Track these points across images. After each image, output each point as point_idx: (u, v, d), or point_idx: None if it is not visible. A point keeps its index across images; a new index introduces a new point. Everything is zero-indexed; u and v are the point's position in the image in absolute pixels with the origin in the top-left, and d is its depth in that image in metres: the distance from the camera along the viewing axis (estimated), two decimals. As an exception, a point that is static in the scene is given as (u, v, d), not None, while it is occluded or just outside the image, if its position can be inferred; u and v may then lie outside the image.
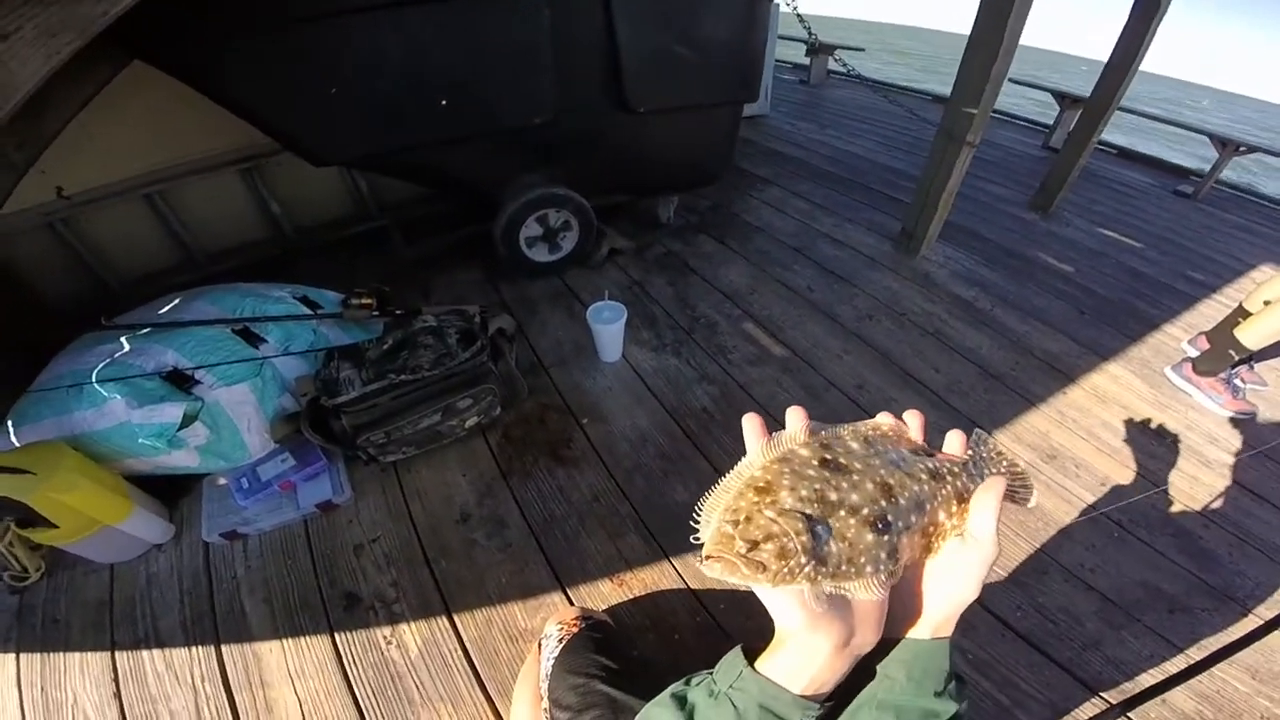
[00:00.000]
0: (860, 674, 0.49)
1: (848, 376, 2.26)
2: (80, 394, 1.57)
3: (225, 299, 1.85)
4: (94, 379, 1.58)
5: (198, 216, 2.50)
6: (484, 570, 1.58)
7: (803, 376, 2.26)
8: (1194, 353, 2.33)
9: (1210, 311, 2.66)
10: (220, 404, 1.69)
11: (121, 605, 1.53)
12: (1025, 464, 0.60)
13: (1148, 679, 1.40)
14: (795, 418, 0.50)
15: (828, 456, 0.45)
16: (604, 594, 1.54)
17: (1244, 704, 1.38)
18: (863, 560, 0.43)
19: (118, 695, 1.36)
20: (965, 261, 2.94)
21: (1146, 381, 2.28)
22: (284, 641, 1.45)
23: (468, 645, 1.43)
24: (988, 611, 1.54)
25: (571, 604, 1.51)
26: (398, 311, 1.92)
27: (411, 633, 1.46)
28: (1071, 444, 2.01)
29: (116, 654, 1.43)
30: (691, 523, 0.43)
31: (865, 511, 0.43)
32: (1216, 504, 1.83)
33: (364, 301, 1.92)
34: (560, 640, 1.11)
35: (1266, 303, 2.09)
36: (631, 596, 1.54)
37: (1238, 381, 2.16)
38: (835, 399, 2.16)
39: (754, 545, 0.40)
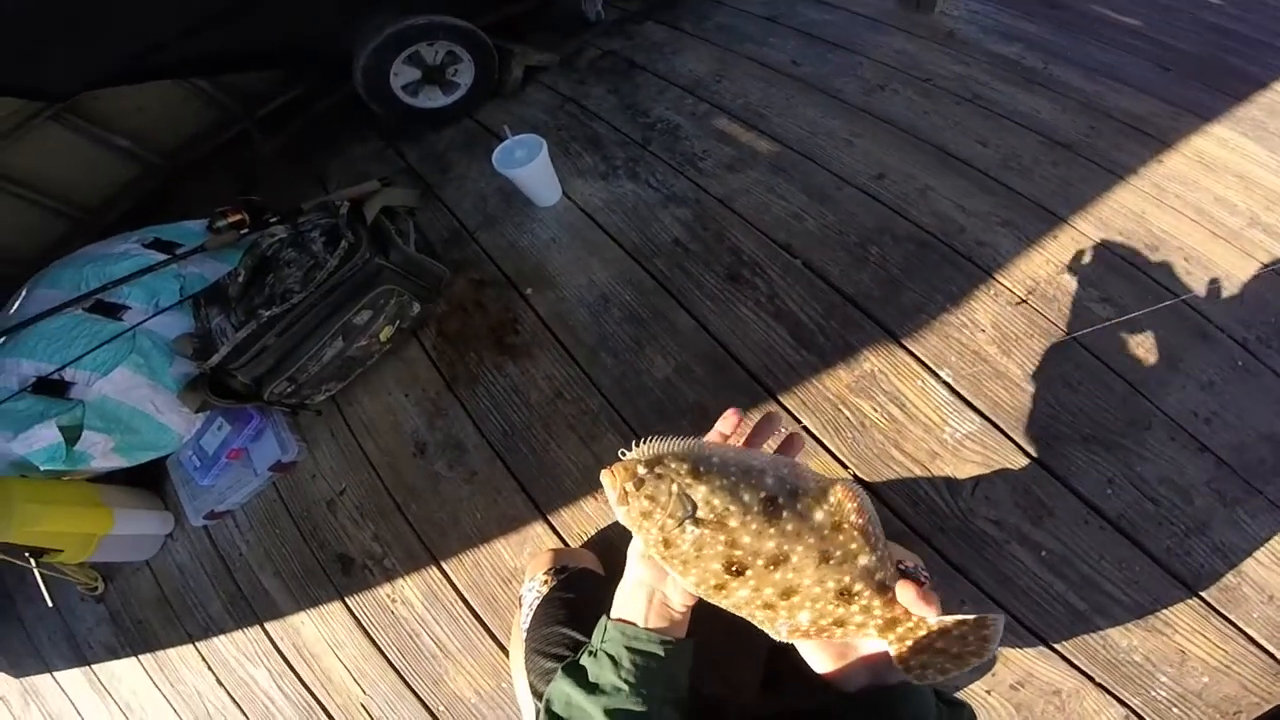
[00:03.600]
0: None
1: (862, 165, 1.72)
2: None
3: (63, 276, 1.53)
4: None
5: (48, 177, 2.17)
6: (456, 508, 1.41)
7: (801, 174, 1.72)
8: None
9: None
10: (109, 397, 1.46)
11: (174, 599, 1.56)
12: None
13: (1257, 571, 1.11)
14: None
15: (779, 501, 0.46)
16: (588, 515, 1.33)
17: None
18: (693, 572, 0.46)
19: (220, 683, 1.45)
20: (997, 14, 2.20)
21: (1264, 145, 1.66)
22: (308, 613, 1.43)
23: (464, 593, 1.34)
24: (1070, 491, 1.19)
25: (555, 531, 1.34)
26: (272, 219, 1.52)
27: (410, 588, 1.38)
28: (1177, 227, 1.50)
29: (196, 644, 1.49)
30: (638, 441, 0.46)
31: (738, 553, 0.45)
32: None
33: (231, 220, 1.56)
34: (531, 606, 1.03)
35: None
36: None
37: None
38: (849, 198, 1.64)
39: (638, 488, 0.45)
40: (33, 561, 1.44)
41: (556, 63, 2.26)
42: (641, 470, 0.45)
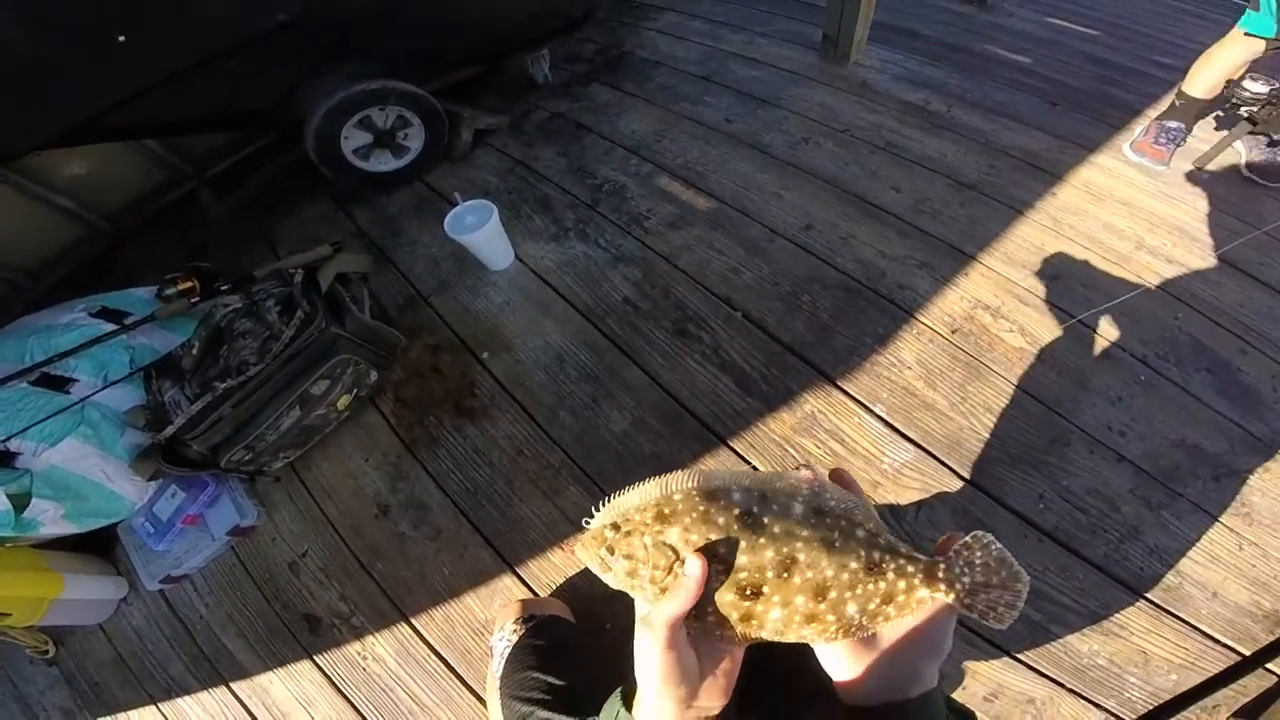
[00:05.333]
0: None
1: (791, 217, 1.85)
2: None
3: (6, 347, 1.49)
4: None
5: None
6: (423, 565, 1.42)
7: (737, 229, 1.84)
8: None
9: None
10: (57, 466, 1.42)
11: (132, 661, 1.50)
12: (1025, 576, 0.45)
13: (1194, 570, 1.20)
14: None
15: (754, 510, 0.43)
16: (556, 565, 1.35)
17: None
18: (710, 613, 0.44)
19: (185, 746, 1.39)
20: (906, 63, 2.45)
21: (1143, 171, 1.90)
22: (276, 672, 1.39)
23: (437, 648, 1.33)
24: (1005, 509, 1.29)
25: (523, 581, 1.36)
26: (223, 287, 1.52)
27: (381, 645, 1.36)
28: (1073, 256, 1.68)
29: (159, 705, 1.44)
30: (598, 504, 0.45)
31: (742, 575, 0.43)
32: (1249, 319, 1.53)
33: (182, 288, 1.53)
34: (503, 655, 1.05)
35: None
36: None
37: (1171, 124, 1.88)
38: (781, 250, 1.76)
39: (613, 552, 0.44)
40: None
41: (506, 125, 2.30)
42: (609, 534, 0.44)
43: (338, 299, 1.49)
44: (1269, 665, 1.09)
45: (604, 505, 0.45)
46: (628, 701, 0.50)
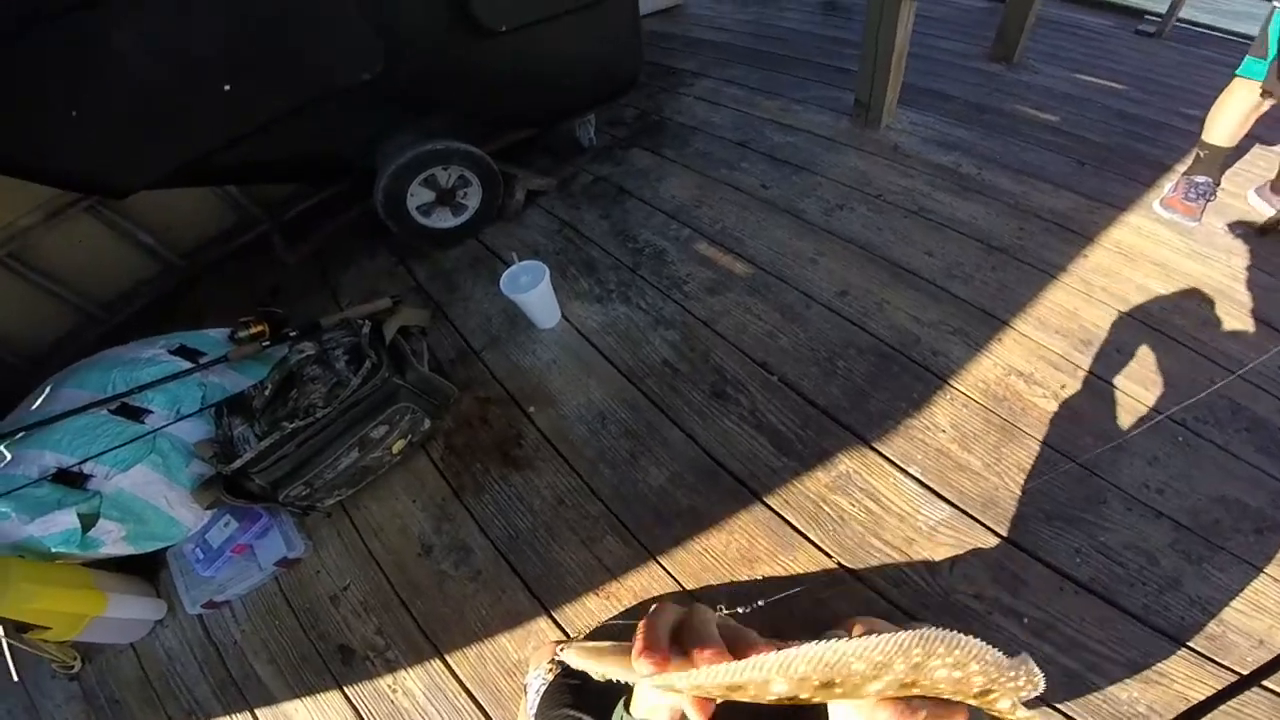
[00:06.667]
0: None
1: (826, 283, 1.90)
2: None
3: (91, 376, 1.60)
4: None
5: (70, 269, 2.21)
6: (461, 604, 1.45)
7: (774, 294, 1.89)
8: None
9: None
10: (125, 490, 1.52)
11: (157, 681, 1.53)
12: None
13: (1238, 619, 1.17)
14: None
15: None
16: (591, 611, 1.38)
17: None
18: None
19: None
20: (936, 125, 2.51)
21: (1174, 230, 1.90)
22: (303, 700, 1.41)
23: (468, 685, 1.34)
24: (1041, 563, 1.28)
25: (558, 625, 1.39)
26: (292, 333, 1.62)
27: (412, 679, 1.38)
28: (1106, 322, 1.68)
29: None
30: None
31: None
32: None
33: (253, 331, 1.65)
34: (538, 691, 1.04)
35: None
36: (622, 608, 1.36)
37: (1199, 178, 1.90)
38: (817, 315, 1.81)
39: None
40: (1, 631, 1.44)
41: (554, 187, 2.42)
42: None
43: (400, 351, 1.59)
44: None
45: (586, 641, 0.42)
46: (626, 702, 0.51)
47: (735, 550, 1.38)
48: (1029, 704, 0.35)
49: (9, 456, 1.50)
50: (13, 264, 2.07)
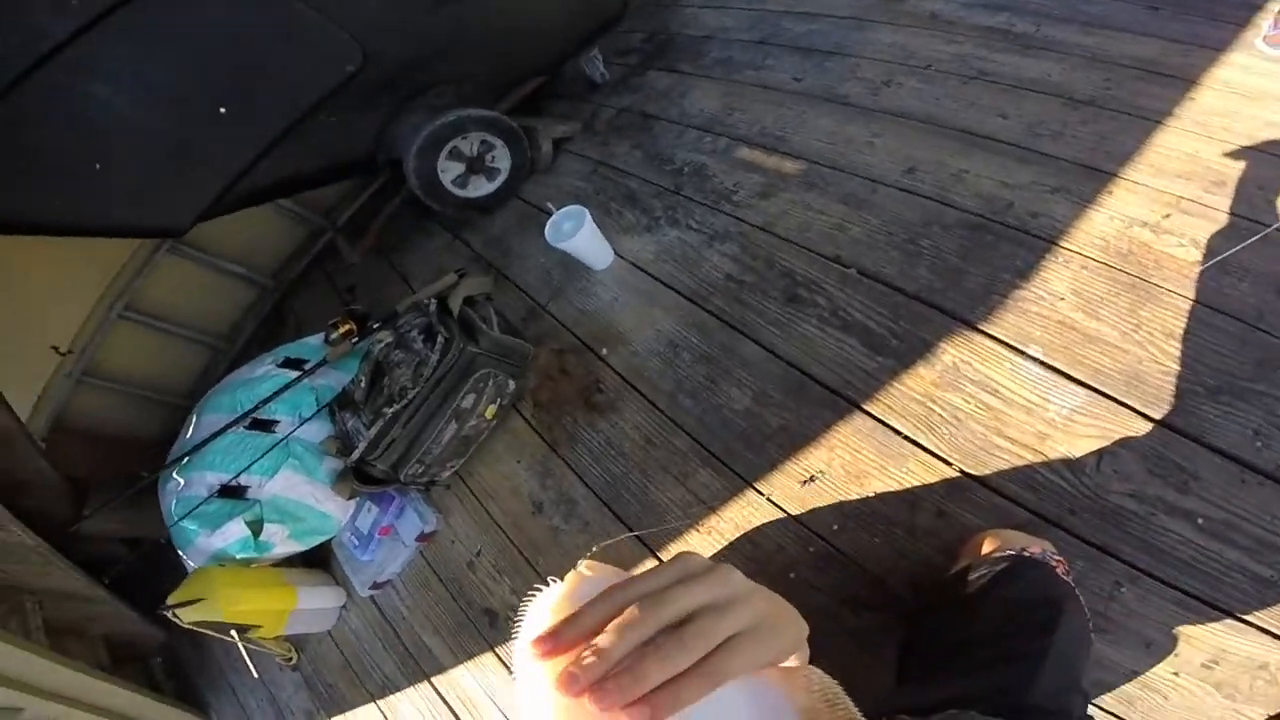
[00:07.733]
0: None
1: (890, 163, 1.70)
2: (180, 533, 1.68)
3: (222, 400, 1.80)
4: (175, 520, 1.66)
5: (182, 310, 2.43)
6: (577, 555, 1.45)
7: (833, 186, 1.71)
8: None
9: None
10: (277, 495, 1.70)
11: (354, 662, 1.72)
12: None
13: None
14: None
15: None
16: (696, 547, 1.36)
17: None
18: None
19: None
20: None
21: None
22: (465, 665, 1.53)
23: None
24: (1211, 450, 1.06)
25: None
26: (375, 325, 1.71)
27: None
28: (1238, 159, 1.38)
29: (378, 703, 1.64)
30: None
31: None
32: None
33: (342, 331, 1.74)
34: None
35: None
36: (726, 542, 1.33)
37: None
38: (886, 198, 1.62)
39: None
40: (236, 636, 1.63)
41: (579, 130, 2.36)
42: None
43: (469, 320, 1.62)
44: None
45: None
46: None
47: (839, 467, 1.29)
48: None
49: (182, 482, 1.72)
50: (131, 316, 2.26)
